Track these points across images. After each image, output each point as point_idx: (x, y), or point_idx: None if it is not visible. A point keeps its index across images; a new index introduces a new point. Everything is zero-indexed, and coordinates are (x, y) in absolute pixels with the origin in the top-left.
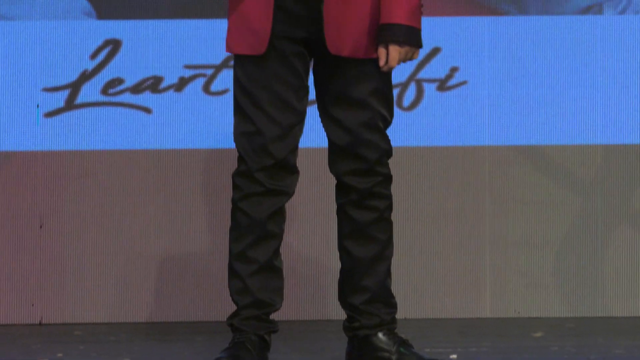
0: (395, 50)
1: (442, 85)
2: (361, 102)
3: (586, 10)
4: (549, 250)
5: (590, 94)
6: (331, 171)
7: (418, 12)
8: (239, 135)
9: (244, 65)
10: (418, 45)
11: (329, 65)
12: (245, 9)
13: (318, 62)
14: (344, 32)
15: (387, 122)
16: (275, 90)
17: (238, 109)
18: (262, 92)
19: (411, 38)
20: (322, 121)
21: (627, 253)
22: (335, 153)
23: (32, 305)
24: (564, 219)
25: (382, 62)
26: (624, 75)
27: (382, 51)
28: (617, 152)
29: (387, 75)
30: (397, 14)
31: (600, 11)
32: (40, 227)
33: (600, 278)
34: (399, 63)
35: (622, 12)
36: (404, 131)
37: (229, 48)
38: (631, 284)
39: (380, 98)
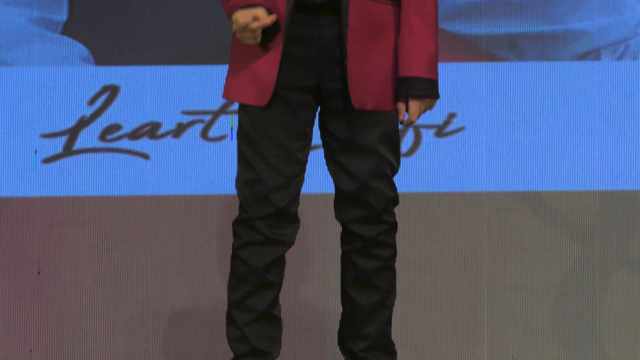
0: (415, 105)
1: (440, 131)
2: (369, 150)
3: (584, 56)
4: (548, 296)
5: (588, 139)
6: (337, 218)
7: (435, 62)
8: (240, 183)
9: (248, 113)
10: (436, 96)
11: (338, 113)
12: (249, 57)
13: (326, 110)
14: (368, 87)
15: (395, 170)
16: (278, 140)
17: (241, 157)
18: (265, 141)
19: (431, 90)
20: (328, 168)
21: (626, 299)
22: (342, 200)
23: (31, 351)
24: (563, 265)
25: (401, 117)
26: (621, 121)
27: (401, 106)
28: (615, 198)
29: (395, 122)
30: (416, 67)
31: (597, 57)
32: (38, 273)
33: (599, 325)
34: (419, 117)
35: (620, 58)
36: (402, 177)
37: (226, 95)
38: (630, 330)
39: (388, 145)
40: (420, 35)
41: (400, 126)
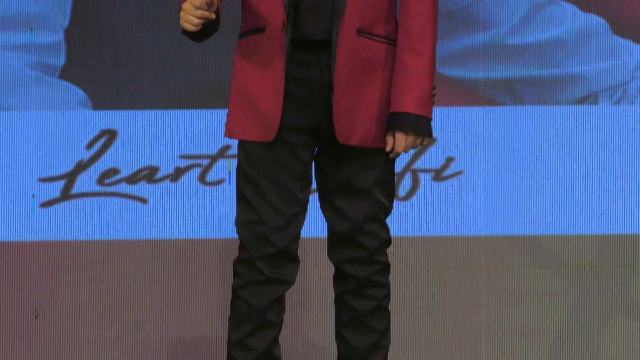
0: (401, 137)
1: (438, 175)
2: (364, 192)
3: (581, 101)
4: (547, 341)
5: (586, 183)
6: (330, 259)
7: (429, 100)
8: (241, 223)
9: (248, 152)
10: (428, 134)
11: (333, 154)
12: (252, 93)
13: (322, 150)
14: (353, 122)
15: (388, 212)
16: (279, 180)
17: (240, 197)
18: (266, 181)
19: (420, 127)
20: (322, 209)
21: (623, 343)
22: (335, 241)
23: None
24: (560, 309)
25: (387, 148)
26: (619, 165)
27: (389, 138)
28: (613, 242)
29: (391, 165)
30: (406, 103)
31: (595, 101)
32: (36, 317)
33: None
34: (406, 150)
35: (618, 102)
36: (400, 221)
37: (229, 133)
38: None
39: (383, 188)
40: (414, 72)
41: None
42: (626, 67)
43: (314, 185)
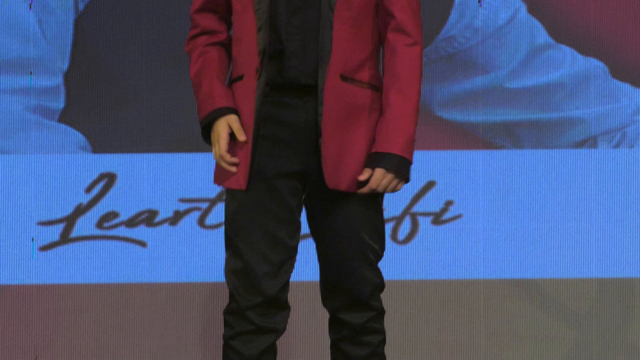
0: (381, 174)
1: (437, 218)
2: (354, 237)
3: (581, 144)
4: None
5: (584, 227)
6: (324, 306)
7: (412, 144)
8: (229, 271)
9: (234, 199)
10: (406, 178)
11: (321, 198)
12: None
13: (310, 195)
14: (342, 167)
15: (379, 255)
16: (266, 227)
17: (228, 244)
18: (252, 228)
19: (401, 169)
20: (317, 254)
21: None
22: (328, 288)
23: None
24: (559, 353)
25: (362, 177)
26: (618, 208)
27: (367, 171)
28: (612, 286)
29: (380, 209)
30: (392, 144)
31: (594, 145)
32: None
33: None
34: (380, 189)
35: (617, 145)
36: (399, 264)
37: (215, 180)
38: None
39: (373, 232)
40: (401, 114)
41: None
42: (625, 110)
43: (305, 230)
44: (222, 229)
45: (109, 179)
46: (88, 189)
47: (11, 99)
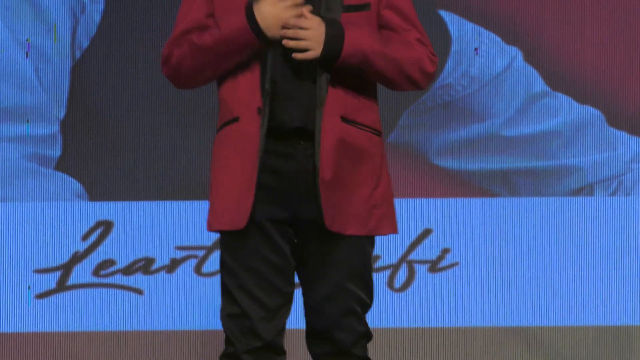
0: (316, 21)
1: (434, 266)
2: (339, 287)
3: (577, 192)
4: None
5: (581, 275)
6: (309, 351)
7: (358, 53)
8: (225, 317)
9: (228, 244)
10: (322, 56)
11: (312, 245)
12: (227, 184)
13: (300, 241)
14: (344, 210)
15: (366, 305)
16: (260, 272)
17: (224, 290)
18: (248, 273)
19: (330, 44)
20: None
21: None
22: (312, 335)
23: None
24: None
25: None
26: (615, 256)
27: (308, 9)
28: (609, 333)
29: (369, 258)
30: (353, 33)
31: (591, 193)
32: None
33: None
34: (294, 35)
35: (613, 193)
36: (395, 312)
37: (209, 226)
38: None
39: (359, 282)
40: (384, 40)
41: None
42: (622, 158)
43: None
44: (219, 276)
45: (106, 226)
46: (85, 237)
47: (8, 147)
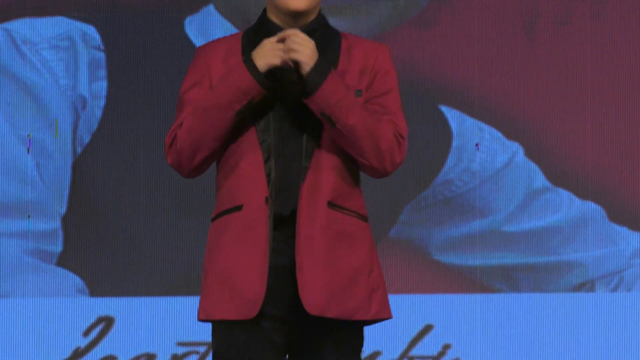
0: (302, 37)
1: None
2: None
3: (578, 288)
4: None
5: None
6: None
7: (334, 107)
8: None
9: (225, 335)
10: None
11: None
12: (232, 273)
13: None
14: (328, 296)
15: None
16: None
17: None
18: None
19: (316, 73)
20: None
21: None
22: None
23: None
24: None
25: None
26: (616, 352)
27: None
28: None
29: (359, 349)
30: (337, 85)
31: (592, 288)
32: None
33: None
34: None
35: (614, 289)
36: None
37: (205, 314)
38: None
39: None
40: (366, 113)
41: None
42: (623, 254)
43: None
44: None
45: (107, 322)
46: (86, 333)
47: (9, 243)
